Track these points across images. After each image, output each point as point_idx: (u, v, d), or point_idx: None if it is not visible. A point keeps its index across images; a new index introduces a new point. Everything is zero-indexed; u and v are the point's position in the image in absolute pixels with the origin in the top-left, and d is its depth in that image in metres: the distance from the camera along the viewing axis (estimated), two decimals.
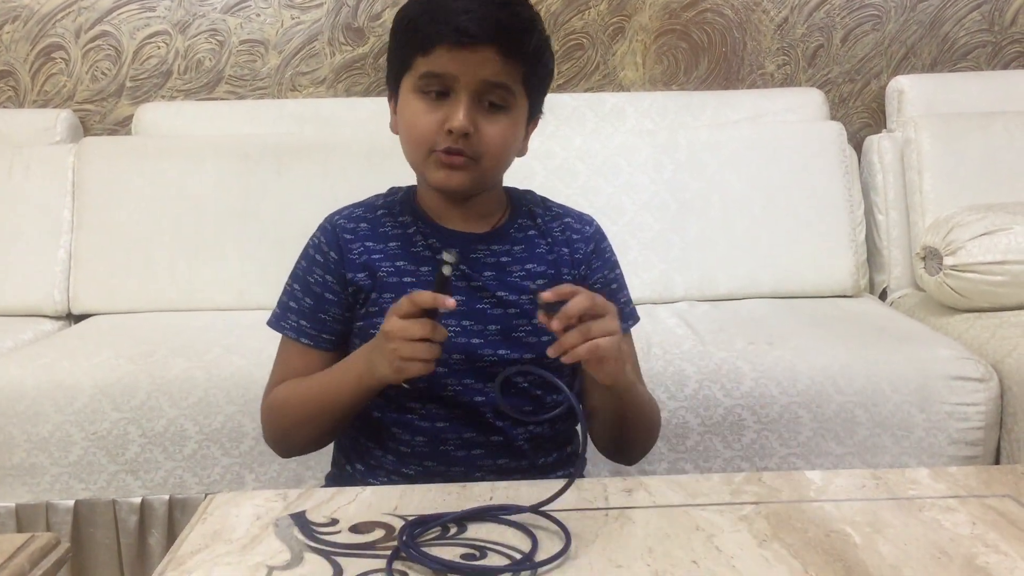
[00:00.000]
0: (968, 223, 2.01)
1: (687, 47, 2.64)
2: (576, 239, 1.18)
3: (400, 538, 0.80)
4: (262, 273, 2.22)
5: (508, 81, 1.06)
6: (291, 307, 1.14)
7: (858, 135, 2.62)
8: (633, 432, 1.14)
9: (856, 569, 0.75)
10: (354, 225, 1.15)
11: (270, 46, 2.58)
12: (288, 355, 1.16)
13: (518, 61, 1.05)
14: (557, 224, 1.19)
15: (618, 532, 0.83)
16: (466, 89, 1.04)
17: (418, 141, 1.08)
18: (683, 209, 2.30)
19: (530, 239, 1.17)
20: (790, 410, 1.72)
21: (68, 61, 2.56)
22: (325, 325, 1.13)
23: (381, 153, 2.25)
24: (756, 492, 0.92)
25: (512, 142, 1.10)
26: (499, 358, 1.10)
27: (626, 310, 1.20)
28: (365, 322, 1.12)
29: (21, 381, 1.72)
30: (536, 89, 1.11)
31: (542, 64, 1.10)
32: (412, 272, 1.12)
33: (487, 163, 1.08)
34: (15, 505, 1.71)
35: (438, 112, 1.05)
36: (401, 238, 1.14)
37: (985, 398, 1.71)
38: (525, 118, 1.12)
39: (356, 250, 1.13)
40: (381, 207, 1.17)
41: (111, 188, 2.29)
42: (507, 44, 1.03)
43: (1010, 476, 0.95)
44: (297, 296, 1.14)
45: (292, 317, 1.14)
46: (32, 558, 0.83)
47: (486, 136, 1.06)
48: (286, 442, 1.16)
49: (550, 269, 1.15)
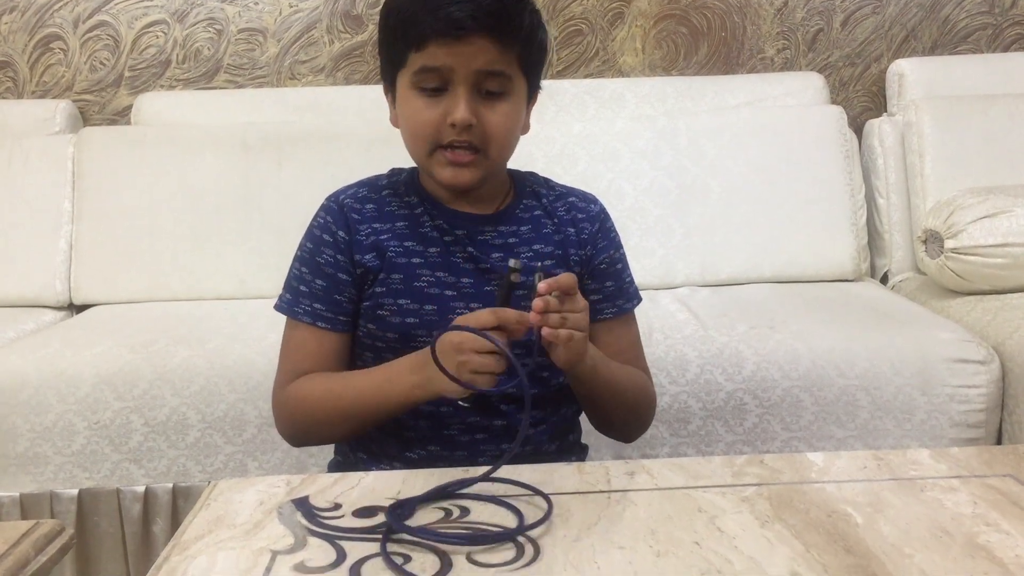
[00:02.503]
0: (969, 206, 2.01)
1: (687, 32, 2.63)
2: (581, 218, 1.19)
3: (389, 515, 0.81)
4: (263, 261, 2.22)
5: (504, 67, 1.05)
6: (302, 291, 1.12)
7: (859, 119, 2.61)
8: (613, 412, 1.15)
9: (857, 549, 0.76)
10: (360, 206, 1.14)
11: (269, 35, 2.58)
12: (302, 340, 1.12)
13: (513, 45, 1.05)
14: (562, 204, 1.19)
15: (620, 514, 0.83)
16: (464, 81, 1.04)
17: (422, 138, 1.07)
18: (684, 194, 2.30)
19: (536, 219, 1.17)
20: (792, 394, 1.72)
21: (66, 51, 2.56)
22: (340, 306, 1.12)
23: (381, 141, 2.24)
24: (758, 474, 0.92)
25: (515, 126, 1.10)
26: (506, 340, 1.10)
27: (630, 290, 1.21)
28: (372, 303, 1.11)
29: (24, 371, 1.73)
30: (533, 67, 1.11)
31: (536, 42, 1.10)
32: (420, 253, 1.11)
33: (494, 152, 1.08)
34: (19, 494, 1.72)
35: (438, 107, 1.05)
36: (408, 218, 1.13)
37: (986, 380, 1.72)
38: (525, 98, 1.12)
39: (364, 231, 1.12)
40: (386, 187, 1.17)
41: (111, 178, 2.29)
42: (500, 30, 1.03)
43: (1011, 456, 0.95)
44: (307, 279, 1.12)
45: (305, 301, 1.12)
46: (36, 545, 0.83)
47: (489, 125, 1.06)
48: (304, 436, 1.15)
49: (557, 249, 1.15)
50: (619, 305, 1.19)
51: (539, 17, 1.10)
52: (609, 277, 1.19)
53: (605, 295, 1.18)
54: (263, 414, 1.71)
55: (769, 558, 0.74)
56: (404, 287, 1.10)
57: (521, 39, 1.06)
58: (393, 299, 1.10)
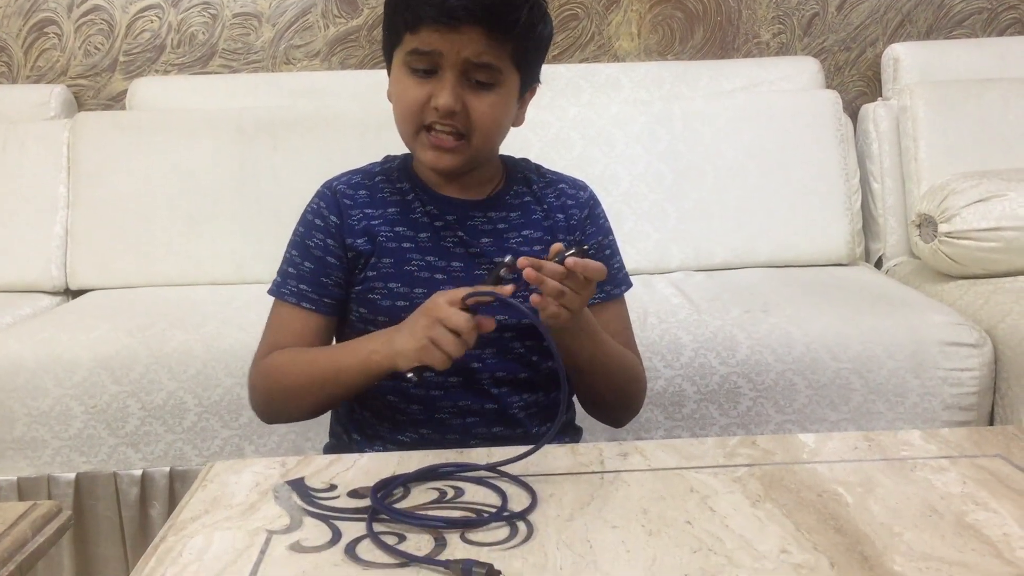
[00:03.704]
0: (963, 190, 2.01)
1: (682, 16, 2.63)
2: (571, 204, 1.19)
3: (372, 496, 0.81)
4: (258, 246, 2.22)
5: (493, 60, 1.06)
6: (290, 272, 1.14)
7: (854, 103, 2.61)
8: (604, 389, 1.15)
9: (847, 527, 0.77)
10: (353, 191, 1.15)
11: (263, 19, 2.57)
12: (287, 319, 1.13)
13: (506, 39, 1.05)
14: (552, 191, 1.20)
15: (613, 494, 0.84)
16: (452, 68, 1.05)
17: (407, 117, 1.09)
18: (678, 179, 2.30)
19: (526, 206, 1.17)
20: (785, 377, 1.73)
21: (61, 36, 2.55)
22: (327, 289, 1.13)
23: (376, 125, 2.25)
24: (750, 455, 0.93)
25: (502, 118, 1.11)
26: (497, 323, 1.11)
27: (619, 275, 1.21)
28: (363, 286, 1.12)
29: (20, 356, 1.73)
30: (528, 62, 1.11)
31: (534, 38, 1.10)
32: (411, 238, 1.13)
33: (477, 140, 1.08)
34: (17, 478, 1.73)
35: (425, 88, 1.06)
36: (399, 204, 1.14)
37: (979, 363, 1.72)
38: (516, 92, 1.12)
39: (356, 216, 1.13)
40: (379, 174, 1.18)
41: (106, 163, 2.29)
42: (493, 23, 1.03)
43: (1000, 436, 0.96)
44: (296, 262, 1.14)
45: (291, 283, 1.13)
46: (34, 525, 0.84)
47: (474, 113, 1.06)
48: (273, 408, 1.14)
49: (546, 235, 1.16)
50: (607, 291, 1.19)
51: (540, 12, 1.09)
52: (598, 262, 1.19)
53: None
54: None
55: (760, 537, 0.75)
56: (395, 271, 1.11)
57: (515, 34, 1.06)
58: (384, 283, 1.11)
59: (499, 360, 1.13)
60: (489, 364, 1.12)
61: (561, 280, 0.93)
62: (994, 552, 0.72)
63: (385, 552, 0.74)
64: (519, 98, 1.13)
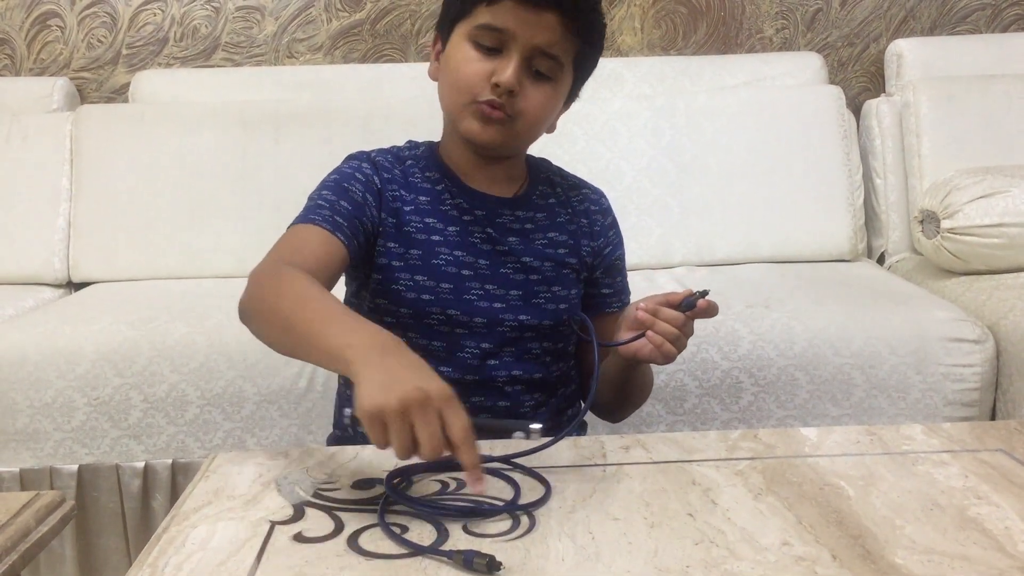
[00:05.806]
0: (966, 186, 2.01)
1: (686, 11, 2.62)
2: (594, 211, 1.21)
3: (387, 485, 0.82)
4: (261, 239, 2.18)
5: (560, 53, 1.06)
6: (322, 205, 1.04)
7: (857, 99, 2.61)
8: (632, 394, 1.20)
9: (849, 520, 0.77)
10: (390, 166, 1.13)
11: (266, 12, 2.57)
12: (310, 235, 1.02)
13: (576, 36, 1.06)
14: (575, 194, 1.21)
15: (615, 487, 0.84)
16: (520, 50, 1.04)
17: (461, 88, 1.06)
18: (681, 174, 2.30)
19: (551, 207, 1.18)
20: (787, 372, 1.73)
21: (64, 29, 2.55)
22: (358, 231, 1.05)
23: (379, 119, 2.25)
24: (752, 448, 0.93)
25: (550, 112, 1.11)
26: (519, 323, 1.11)
27: (627, 285, 1.26)
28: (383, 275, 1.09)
29: (23, 348, 1.73)
30: (583, 70, 1.12)
31: (594, 49, 1.11)
32: (440, 231, 1.11)
33: (521, 126, 1.08)
34: (19, 470, 1.73)
35: (487, 63, 1.05)
36: (430, 194, 1.13)
37: (981, 359, 1.73)
38: (567, 93, 1.12)
39: (391, 190, 1.11)
40: (408, 158, 1.16)
41: (109, 156, 2.29)
42: (570, 15, 1.04)
43: (1003, 431, 0.96)
44: (330, 200, 1.05)
45: (325, 211, 1.03)
46: (38, 515, 0.84)
47: (528, 99, 1.06)
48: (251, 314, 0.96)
49: (571, 239, 1.17)
50: (623, 300, 1.24)
51: (604, 31, 1.11)
52: (619, 272, 1.23)
53: (615, 289, 1.23)
54: (262, 391, 1.72)
55: (761, 529, 0.75)
56: (422, 263, 1.09)
57: (585, 35, 1.07)
58: (410, 274, 1.09)
59: (517, 360, 1.13)
60: (507, 363, 1.12)
61: (680, 327, 1.01)
62: (996, 546, 0.72)
63: (393, 541, 0.74)
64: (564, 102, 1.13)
